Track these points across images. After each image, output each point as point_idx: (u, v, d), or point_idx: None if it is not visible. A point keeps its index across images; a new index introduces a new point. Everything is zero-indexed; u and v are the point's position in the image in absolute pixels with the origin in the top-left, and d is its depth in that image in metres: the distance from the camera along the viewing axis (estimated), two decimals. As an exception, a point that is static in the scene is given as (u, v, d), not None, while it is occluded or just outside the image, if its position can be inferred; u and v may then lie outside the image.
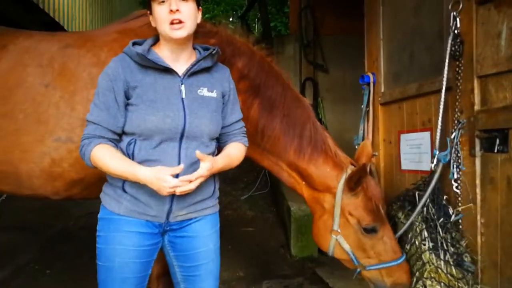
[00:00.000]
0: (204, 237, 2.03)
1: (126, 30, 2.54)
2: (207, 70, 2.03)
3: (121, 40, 2.46)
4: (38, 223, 5.32)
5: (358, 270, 2.66)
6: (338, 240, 2.60)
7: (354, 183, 2.51)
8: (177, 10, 1.85)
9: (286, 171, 2.72)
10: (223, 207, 6.04)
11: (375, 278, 2.64)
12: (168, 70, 1.93)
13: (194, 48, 2.06)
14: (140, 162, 1.86)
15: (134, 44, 1.97)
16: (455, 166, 2.60)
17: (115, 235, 1.90)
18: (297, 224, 4.86)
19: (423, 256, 2.61)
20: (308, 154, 2.59)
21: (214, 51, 2.02)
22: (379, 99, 3.58)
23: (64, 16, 8.45)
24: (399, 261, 2.57)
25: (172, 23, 1.86)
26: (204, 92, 1.98)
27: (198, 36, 2.49)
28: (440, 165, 2.65)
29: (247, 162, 2.52)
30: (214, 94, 2.01)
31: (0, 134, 2.37)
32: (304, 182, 2.70)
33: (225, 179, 6.29)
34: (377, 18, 3.65)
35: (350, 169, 2.59)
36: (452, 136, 2.59)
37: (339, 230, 2.59)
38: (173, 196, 1.89)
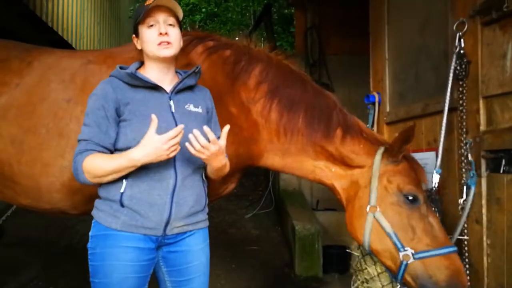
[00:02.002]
0: (196, 251, 2.07)
1: (139, 55, 2.57)
2: (190, 88, 2.15)
3: (139, 58, 2.51)
4: (42, 240, 5.31)
5: (404, 265, 2.22)
6: (376, 217, 2.30)
7: (398, 146, 2.32)
8: (166, 33, 2.00)
9: (312, 165, 2.58)
10: (227, 226, 6.03)
11: (423, 277, 2.20)
12: (156, 88, 2.03)
13: (177, 72, 2.18)
14: (137, 176, 1.91)
15: (120, 68, 2.09)
16: (464, 187, 2.58)
17: (112, 251, 1.90)
18: (301, 243, 4.83)
19: None
20: (340, 136, 2.49)
21: (197, 70, 2.14)
22: (384, 118, 3.59)
23: (73, 35, 8.57)
24: (452, 249, 2.22)
25: (160, 44, 2.00)
26: (191, 107, 2.09)
27: (214, 51, 2.58)
28: (472, 188, 2.52)
29: (252, 180, 2.53)
30: (199, 110, 2.12)
31: (24, 149, 2.41)
32: (334, 167, 2.55)
33: (229, 197, 6.27)
34: (382, 38, 3.67)
35: (387, 144, 2.45)
36: (469, 158, 2.54)
37: (376, 205, 2.32)
38: (171, 205, 1.93)
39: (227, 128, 1.94)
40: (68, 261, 4.72)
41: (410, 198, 2.30)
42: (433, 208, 2.42)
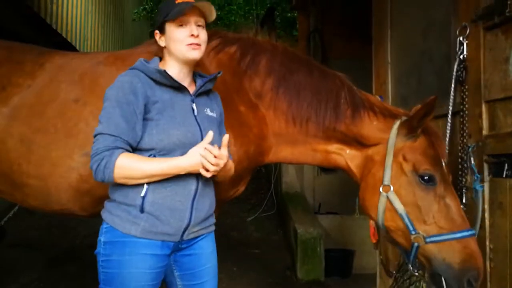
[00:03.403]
0: (208, 254, 2.06)
1: (157, 51, 2.55)
2: (206, 93, 2.13)
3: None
4: (43, 241, 5.32)
5: (416, 247, 2.19)
6: (389, 198, 2.24)
7: (417, 121, 2.22)
8: (198, 35, 1.95)
9: (325, 150, 2.55)
10: (229, 228, 6.02)
11: (436, 260, 2.16)
12: (180, 89, 1.99)
13: (193, 75, 2.15)
14: (160, 181, 1.86)
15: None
16: (463, 190, 2.58)
17: (131, 258, 1.85)
18: (303, 246, 4.83)
19: None
20: (349, 116, 2.43)
21: (219, 75, 2.12)
22: (387, 122, 3.58)
23: (77, 37, 8.60)
24: (467, 233, 2.15)
25: (190, 45, 1.95)
26: (208, 111, 2.07)
27: (220, 49, 2.58)
28: (480, 193, 2.48)
29: (254, 183, 2.52)
30: (214, 114, 2.11)
31: (33, 148, 2.43)
32: (348, 149, 2.50)
33: (231, 200, 6.26)
34: (385, 42, 3.68)
35: (405, 116, 2.35)
36: (472, 162, 2.53)
37: (390, 185, 2.25)
38: (191, 211, 1.92)
39: (226, 137, 1.90)
40: (69, 263, 4.72)
41: (426, 178, 2.22)
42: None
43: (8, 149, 2.45)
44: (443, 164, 2.27)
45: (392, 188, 2.26)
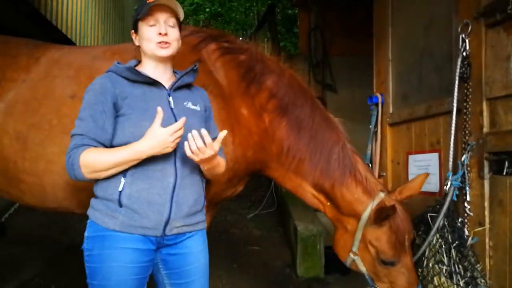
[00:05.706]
0: (196, 253, 2.04)
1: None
2: (188, 86, 2.14)
3: None
4: (44, 238, 5.32)
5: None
6: (356, 261, 2.59)
7: (380, 219, 2.41)
8: (166, 33, 1.99)
9: (310, 192, 2.68)
10: (229, 225, 6.03)
11: None
12: (155, 84, 2.01)
13: (174, 72, 2.16)
14: (137, 175, 1.87)
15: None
16: (467, 188, 2.58)
17: (111, 252, 1.86)
18: (303, 244, 4.82)
19: (435, 279, 2.55)
20: (336, 178, 2.54)
21: (195, 68, 2.14)
22: (387, 119, 3.58)
23: (77, 33, 8.58)
24: None
25: (159, 43, 2.00)
26: (189, 105, 2.07)
27: (229, 52, 2.57)
28: (452, 188, 2.59)
29: (254, 180, 2.52)
30: (198, 108, 2.11)
31: (28, 145, 2.41)
32: (329, 203, 2.66)
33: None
34: (386, 39, 3.67)
35: (379, 197, 2.49)
36: (463, 159, 2.57)
37: (357, 252, 2.56)
38: (171, 205, 1.90)
39: (223, 133, 1.90)
40: (70, 259, 4.71)
41: (386, 262, 2.47)
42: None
43: (3, 146, 2.43)
44: (406, 241, 2.47)
45: (359, 255, 2.57)
